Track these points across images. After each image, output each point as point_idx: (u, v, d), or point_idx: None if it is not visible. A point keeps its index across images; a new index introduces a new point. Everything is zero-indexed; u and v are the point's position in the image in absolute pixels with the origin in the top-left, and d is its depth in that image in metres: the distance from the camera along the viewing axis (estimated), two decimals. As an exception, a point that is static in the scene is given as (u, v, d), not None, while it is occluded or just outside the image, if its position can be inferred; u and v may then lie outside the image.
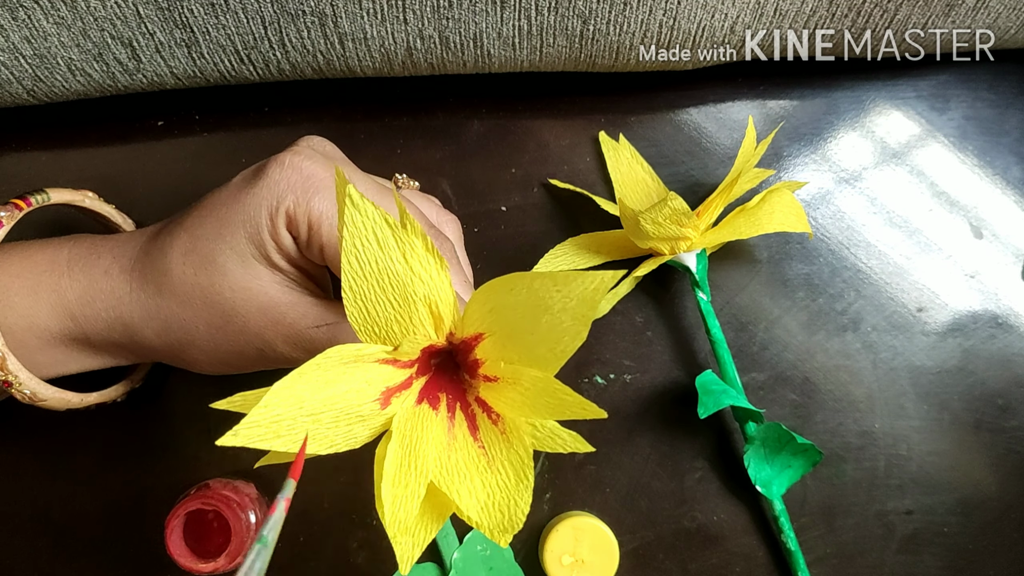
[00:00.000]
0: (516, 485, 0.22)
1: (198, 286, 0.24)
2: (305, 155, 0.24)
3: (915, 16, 0.32)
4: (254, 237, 0.24)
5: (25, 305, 0.25)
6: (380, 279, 0.20)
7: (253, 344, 0.24)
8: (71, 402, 0.27)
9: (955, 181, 0.37)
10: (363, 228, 0.20)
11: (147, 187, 0.34)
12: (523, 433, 0.22)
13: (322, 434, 0.21)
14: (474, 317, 0.21)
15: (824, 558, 0.34)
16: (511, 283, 0.20)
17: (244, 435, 0.19)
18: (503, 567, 0.33)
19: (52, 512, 0.32)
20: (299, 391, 0.20)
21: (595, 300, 0.20)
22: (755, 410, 0.32)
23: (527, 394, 0.21)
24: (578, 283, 0.19)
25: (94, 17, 0.28)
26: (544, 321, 0.20)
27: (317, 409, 0.20)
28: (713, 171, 0.36)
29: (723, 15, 0.31)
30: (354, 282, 0.20)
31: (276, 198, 0.24)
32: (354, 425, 0.21)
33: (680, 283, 0.35)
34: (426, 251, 0.21)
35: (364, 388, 0.21)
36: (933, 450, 0.35)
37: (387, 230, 0.20)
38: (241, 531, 0.29)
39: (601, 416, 0.20)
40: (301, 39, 0.30)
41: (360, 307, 0.21)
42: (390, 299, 0.21)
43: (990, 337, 0.36)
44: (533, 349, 0.21)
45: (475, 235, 0.35)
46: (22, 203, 0.27)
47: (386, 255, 0.20)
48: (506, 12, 0.29)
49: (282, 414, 0.19)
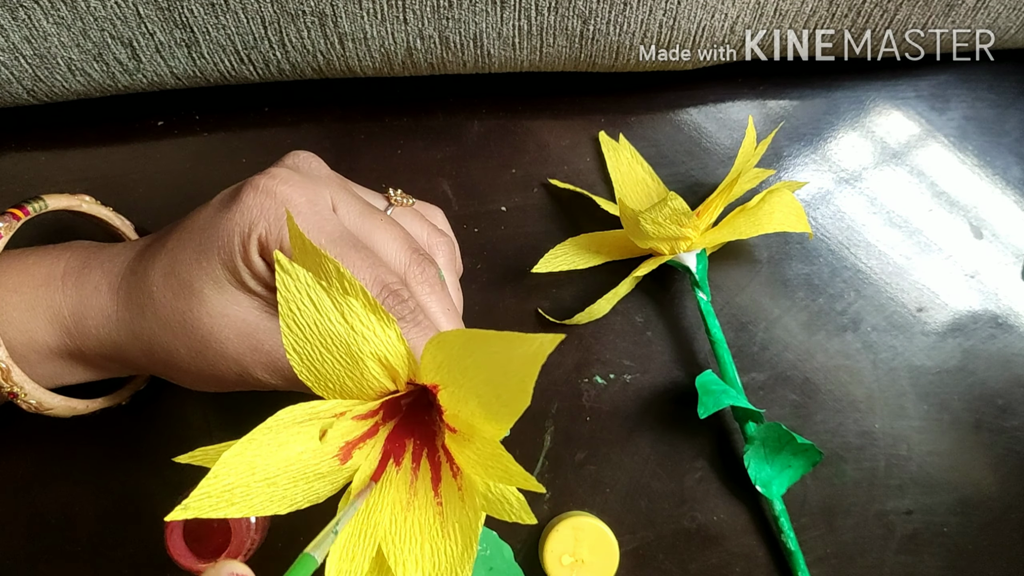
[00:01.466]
0: (461, 554, 0.21)
1: (177, 310, 0.24)
2: (281, 179, 0.24)
3: (915, 16, 0.32)
4: (228, 263, 0.24)
5: (23, 320, 0.25)
6: (323, 340, 0.20)
7: (232, 370, 0.24)
8: (77, 409, 0.28)
9: (955, 181, 0.37)
10: (297, 292, 0.19)
11: (147, 187, 0.34)
12: (476, 494, 0.21)
13: (280, 496, 0.20)
14: (428, 369, 0.21)
15: (824, 558, 0.34)
16: (459, 338, 0.19)
17: (195, 507, 0.18)
18: (503, 567, 0.33)
19: (52, 514, 0.32)
20: (250, 457, 0.19)
21: (537, 361, 0.18)
22: (755, 410, 0.32)
23: (479, 453, 0.21)
24: (522, 345, 0.18)
25: (94, 17, 0.28)
26: (491, 380, 0.19)
27: (271, 473, 0.19)
28: (713, 171, 0.36)
29: (723, 15, 0.31)
30: (296, 344, 0.20)
31: (248, 224, 0.23)
32: (314, 483, 0.21)
33: (680, 283, 0.35)
34: (366, 309, 0.20)
35: (321, 446, 0.20)
36: (933, 450, 0.35)
37: (321, 293, 0.19)
38: (241, 531, 0.29)
39: (540, 491, 0.19)
40: (301, 39, 0.30)
41: (308, 366, 0.20)
42: (336, 358, 0.20)
43: (990, 337, 0.36)
44: (487, 405, 0.20)
45: (475, 235, 0.35)
46: (19, 212, 0.26)
47: (324, 317, 0.20)
48: (506, 12, 0.29)
49: (234, 482, 0.19)
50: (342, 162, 0.35)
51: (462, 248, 0.35)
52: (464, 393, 0.20)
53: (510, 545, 0.33)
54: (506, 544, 0.33)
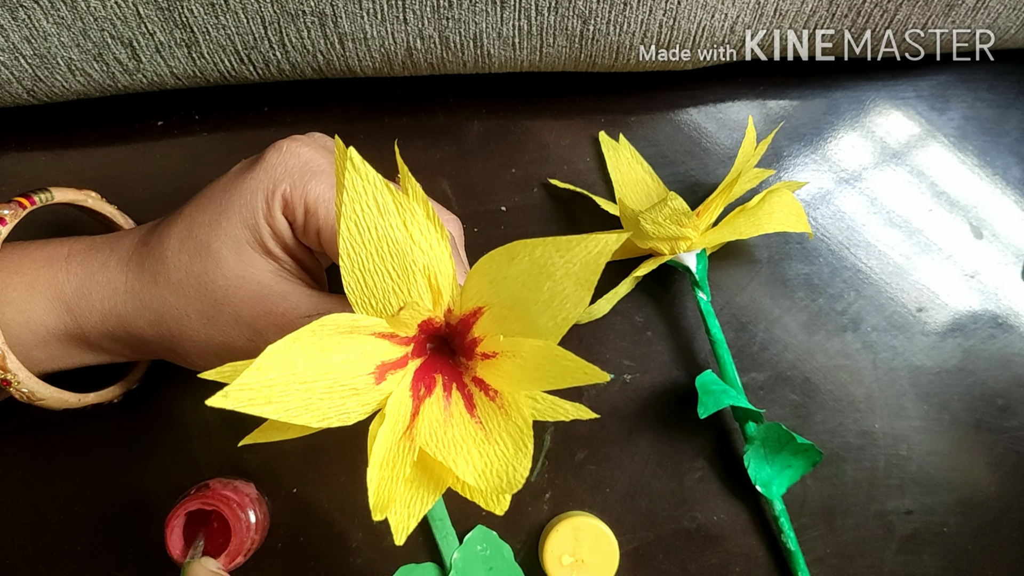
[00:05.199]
0: (515, 453, 0.21)
1: (192, 273, 0.24)
2: (302, 141, 0.25)
3: (915, 16, 0.32)
4: (249, 222, 0.24)
5: (23, 300, 0.25)
6: (379, 247, 0.20)
7: (244, 334, 0.24)
8: (68, 402, 0.27)
9: (955, 181, 0.37)
10: (363, 193, 0.19)
11: (147, 187, 0.34)
12: (522, 406, 0.21)
13: (315, 405, 0.19)
14: (474, 290, 0.21)
15: (824, 558, 0.34)
16: (512, 252, 0.20)
17: (234, 397, 0.18)
18: (503, 567, 0.33)
19: (51, 513, 0.32)
20: (293, 356, 0.19)
21: (599, 263, 0.19)
22: (755, 410, 0.32)
23: (527, 365, 0.21)
24: (581, 247, 0.19)
25: (94, 17, 0.28)
26: (546, 288, 0.20)
27: (310, 377, 0.19)
28: (713, 171, 0.36)
29: (723, 15, 0.31)
30: (352, 249, 0.19)
31: (273, 182, 0.24)
32: (348, 399, 0.20)
33: (680, 283, 0.35)
34: (427, 218, 0.20)
35: (359, 360, 0.20)
36: (933, 450, 0.35)
37: (388, 195, 0.19)
38: (241, 531, 0.29)
39: (605, 379, 0.19)
40: (301, 39, 0.30)
41: (357, 277, 0.20)
42: (388, 268, 0.20)
43: (990, 337, 0.36)
44: (535, 320, 0.20)
45: (475, 235, 0.35)
46: (26, 201, 0.27)
47: (386, 221, 0.19)
48: (506, 12, 0.29)
49: (275, 378, 0.18)
50: (342, 162, 0.35)
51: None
52: (515, 308, 0.20)
53: (510, 545, 0.33)
54: (506, 544, 0.33)
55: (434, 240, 0.20)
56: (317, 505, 0.33)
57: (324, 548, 0.33)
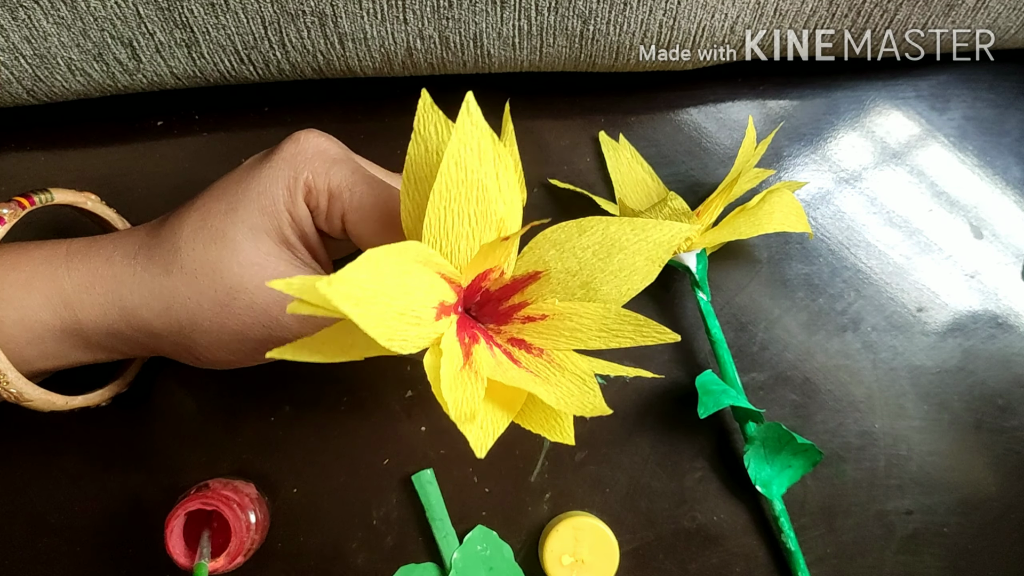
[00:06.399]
0: (582, 394, 0.22)
1: (207, 261, 0.24)
2: (316, 133, 0.26)
3: (915, 16, 0.32)
4: (268, 209, 0.24)
5: (19, 297, 0.25)
6: (470, 191, 0.21)
7: (260, 321, 0.24)
8: (56, 404, 0.27)
9: (955, 181, 0.37)
10: (471, 136, 0.20)
11: (147, 187, 0.34)
12: (577, 360, 0.23)
13: (387, 322, 0.19)
14: (536, 254, 0.22)
15: (824, 558, 0.34)
16: (585, 225, 0.21)
17: (336, 287, 0.18)
18: (503, 567, 0.33)
19: (51, 514, 0.32)
20: (385, 266, 0.19)
21: (672, 245, 0.21)
22: (755, 410, 0.32)
23: (585, 326, 0.22)
24: (656, 229, 0.21)
25: (94, 17, 0.28)
26: (616, 260, 0.21)
27: (391, 292, 0.19)
28: (713, 171, 0.36)
29: (723, 15, 0.31)
30: (446, 189, 0.20)
31: (294, 170, 0.24)
32: (411, 327, 0.20)
33: (680, 283, 0.35)
34: (515, 176, 0.21)
35: (428, 292, 0.21)
36: (933, 450, 0.35)
37: (490, 144, 0.20)
38: (241, 531, 0.29)
39: (676, 339, 0.22)
40: (301, 39, 0.30)
41: (440, 214, 0.21)
42: (471, 213, 0.21)
43: (990, 337, 0.36)
44: (599, 287, 0.22)
45: (475, 235, 0.35)
46: (25, 201, 0.26)
47: (483, 168, 0.21)
48: (506, 12, 0.29)
49: (366, 281, 0.19)
50: (342, 162, 0.35)
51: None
52: (578, 274, 0.22)
53: (510, 545, 0.33)
54: (506, 544, 0.33)
55: (515, 198, 0.21)
56: (317, 505, 0.33)
57: (324, 548, 0.33)
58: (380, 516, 0.33)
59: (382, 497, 0.33)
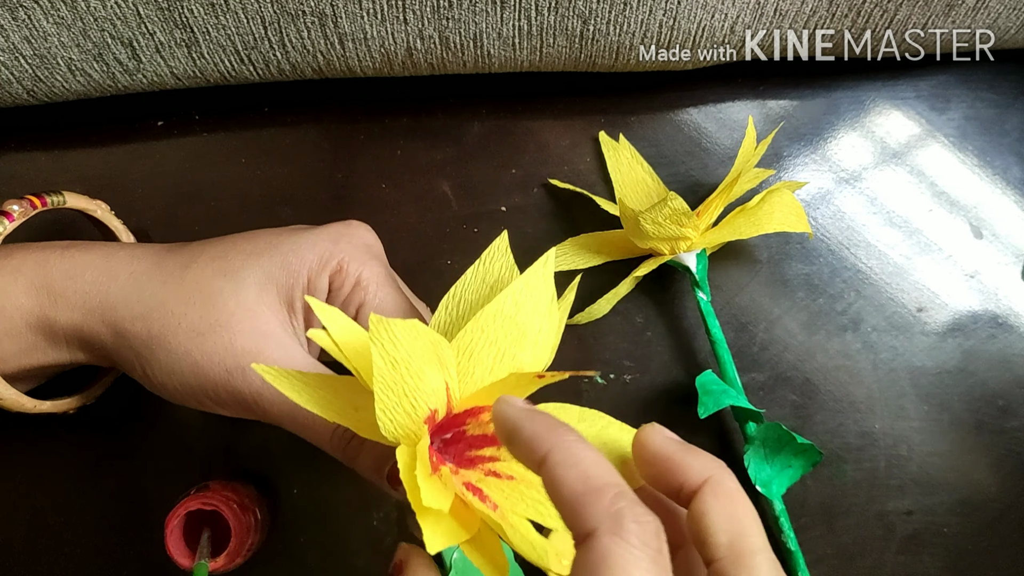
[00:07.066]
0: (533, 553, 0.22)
1: (209, 288, 0.24)
2: (368, 228, 0.27)
3: (915, 16, 0.32)
4: (291, 266, 0.25)
5: (4, 283, 0.24)
6: (510, 329, 0.22)
7: (225, 364, 0.24)
8: (25, 406, 0.27)
9: (955, 181, 0.37)
10: (537, 287, 0.22)
11: (147, 187, 0.34)
12: (529, 529, 0.23)
13: (391, 393, 0.19)
14: None
15: (824, 558, 0.34)
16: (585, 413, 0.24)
17: (383, 329, 0.18)
18: (503, 567, 0.33)
19: (51, 514, 0.32)
20: (421, 343, 0.19)
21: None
22: (755, 410, 0.32)
23: (545, 502, 0.22)
24: None
25: (94, 17, 0.28)
26: None
27: (414, 369, 0.19)
28: (713, 171, 0.36)
29: (723, 15, 0.31)
30: (492, 315, 0.22)
31: (335, 246, 0.25)
32: (404, 414, 0.20)
33: (680, 283, 0.35)
34: (554, 336, 0.23)
35: (434, 390, 0.21)
36: (933, 451, 0.35)
37: (547, 301, 0.23)
38: (241, 531, 0.29)
39: None
40: (301, 39, 0.30)
41: (475, 332, 0.22)
42: (500, 348, 0.22)
43: (990, 337, 0.36)
44: None
45: (475, 235, 0.35)
46: (37, 201, 0.26)
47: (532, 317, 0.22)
48: (506, 12, 0.29)
49: (403, 344, 0.19)
50: (342, 162, 0.35)
51: (462, 248, 0.35)
52: None
53: (510, 545, 0.33)
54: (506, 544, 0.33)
55: (543, 358, 0.23)
56: (317, 505, 0.33)
57: (324, 548, 0.33)
58: (380, 516, 0.33)
59: (382, 497, 0.33)
